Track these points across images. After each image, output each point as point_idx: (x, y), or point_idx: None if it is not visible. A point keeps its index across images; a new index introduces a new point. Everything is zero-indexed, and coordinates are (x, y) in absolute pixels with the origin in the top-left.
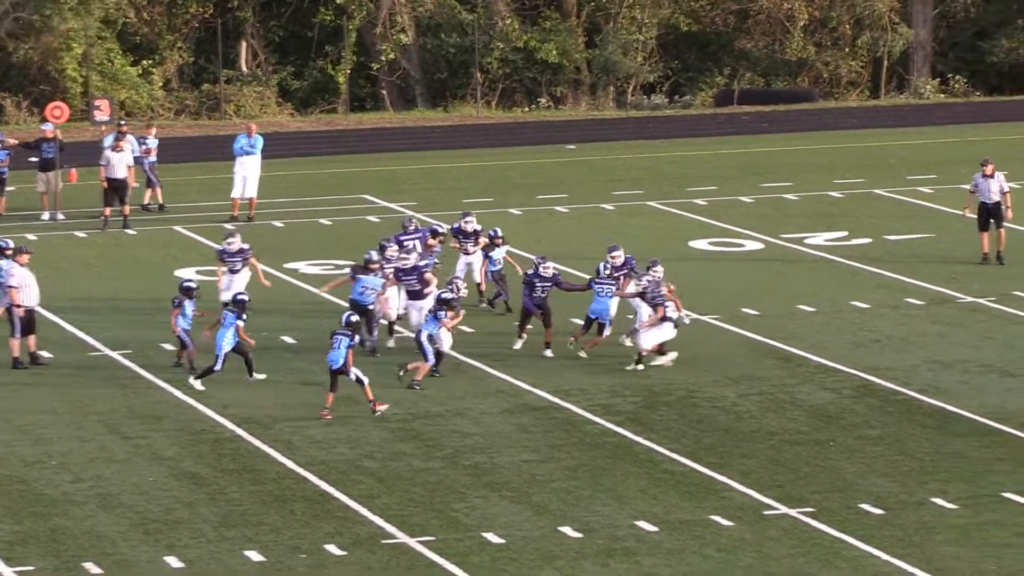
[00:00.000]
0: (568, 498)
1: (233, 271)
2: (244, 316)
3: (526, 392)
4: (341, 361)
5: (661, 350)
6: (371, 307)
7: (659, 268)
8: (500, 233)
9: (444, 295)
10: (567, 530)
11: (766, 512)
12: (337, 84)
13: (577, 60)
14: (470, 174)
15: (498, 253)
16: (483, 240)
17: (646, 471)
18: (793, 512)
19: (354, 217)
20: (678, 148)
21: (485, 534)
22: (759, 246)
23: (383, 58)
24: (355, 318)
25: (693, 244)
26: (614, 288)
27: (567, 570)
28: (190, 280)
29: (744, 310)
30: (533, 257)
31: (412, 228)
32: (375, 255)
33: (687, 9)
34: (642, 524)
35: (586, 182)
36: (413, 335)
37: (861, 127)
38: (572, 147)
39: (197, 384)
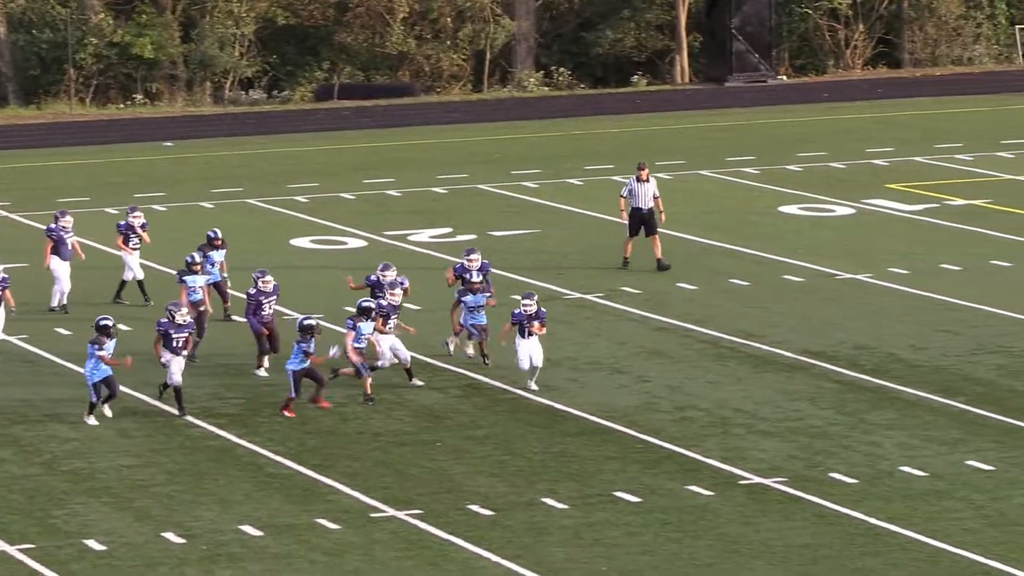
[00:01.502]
0: (170, 503)
1: None
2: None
3: (127, 395)
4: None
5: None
6: (202, 308)
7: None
8: (219, 234)
9: (365, 303)
10: (170, 536)
11: (373, 515)
12: None
13: (173, 55)
14: (65, 173)
15: (218, 256)
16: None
17: (250, 474)
18: (401, 514)
19: None
20: (278, 144)
21: (86, 541)
22: (362, 244)
23: None
24: (310, 322)
25: (294, 242)
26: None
27: None
28: None
29: (348, 309)
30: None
31: (64, 219)
32: (197, 256)
33: (285, 2)
34: (247, 528)
35: (184, 180)
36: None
37: (464, 121)
38: (169, 144)
39: (90, 420)
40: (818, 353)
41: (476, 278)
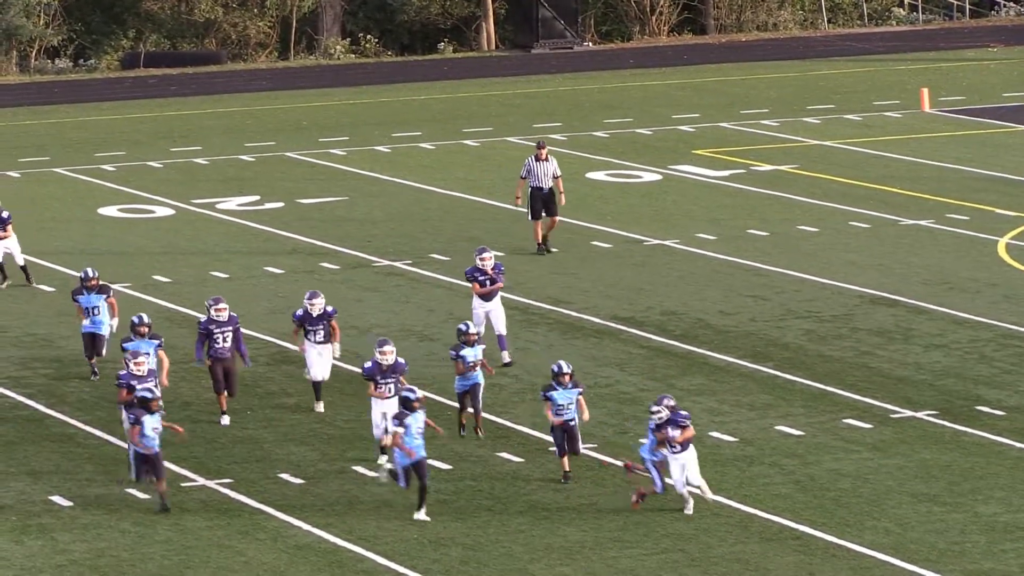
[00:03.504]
0: None
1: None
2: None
3: None
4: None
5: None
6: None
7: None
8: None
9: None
10: None
11: (184, 484)
12: None
13: None
14: None
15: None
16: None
17: (59, 445)
18: (211, 483)
19: None
20: (85, 113)
21: None
22: (170, 212)
23: None
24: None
25: (103, 211)
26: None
27: None
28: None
29: (156, 277)
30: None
31: None
32: (90, 271)
33: None
34: (57, 499)
35: None
36: None
37: (271, 89)
38: None
39: None
40: (627, 319)
41: (472, 330)
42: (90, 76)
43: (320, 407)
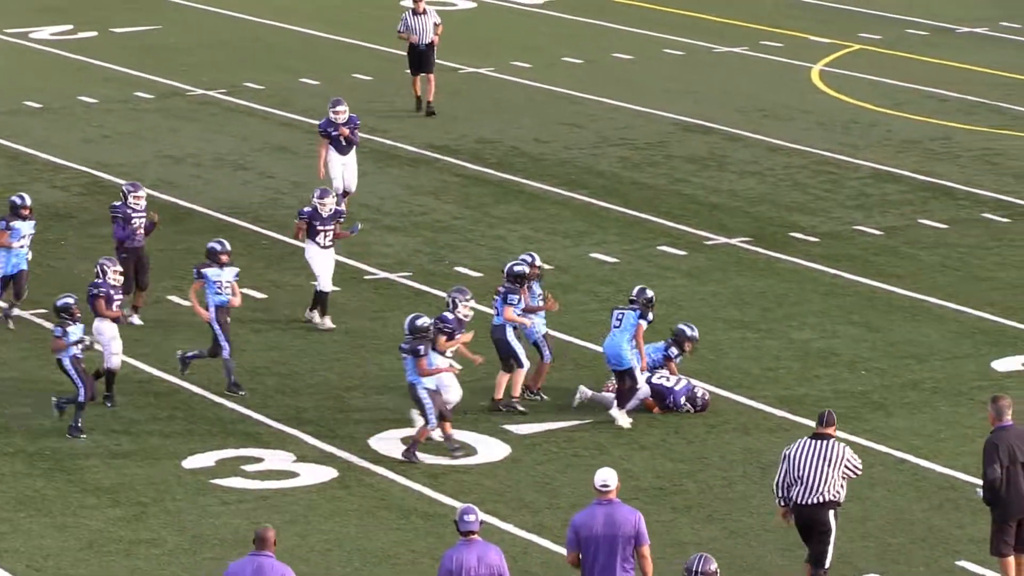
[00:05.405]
0: None
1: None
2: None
3: None
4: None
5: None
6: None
7: None
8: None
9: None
10: None
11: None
12: None
13: None
14: None
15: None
16: None
17: None
18: (27, 314)
19: None
20: None
21: None
22: None
23: None
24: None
25: None
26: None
27: None
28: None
29: None
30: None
31: None
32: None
33: None
34: None
35: None
36: None
37: None
38: None
39: None
40: (441, 147)
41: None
42: None
43: (328, 322)
